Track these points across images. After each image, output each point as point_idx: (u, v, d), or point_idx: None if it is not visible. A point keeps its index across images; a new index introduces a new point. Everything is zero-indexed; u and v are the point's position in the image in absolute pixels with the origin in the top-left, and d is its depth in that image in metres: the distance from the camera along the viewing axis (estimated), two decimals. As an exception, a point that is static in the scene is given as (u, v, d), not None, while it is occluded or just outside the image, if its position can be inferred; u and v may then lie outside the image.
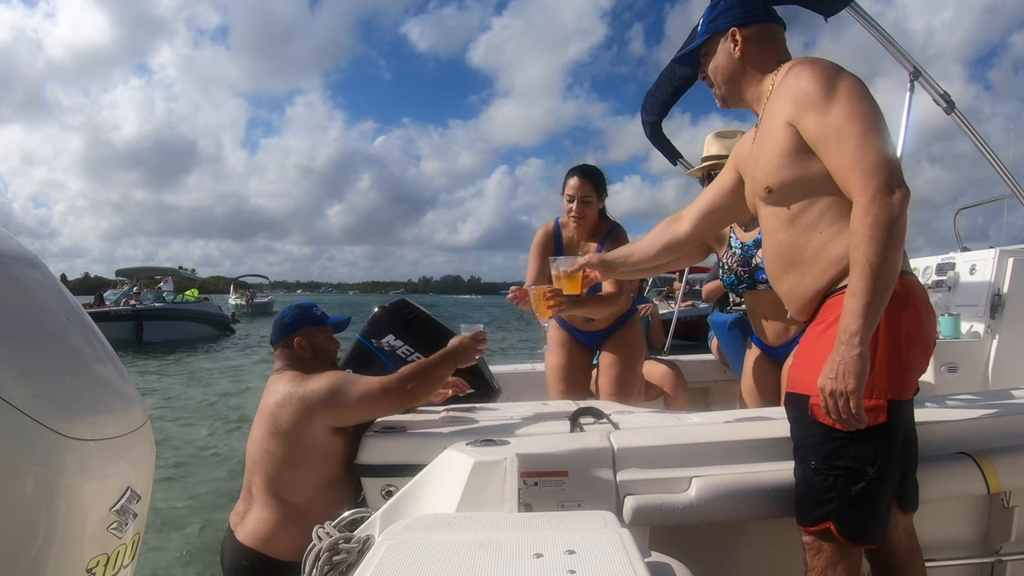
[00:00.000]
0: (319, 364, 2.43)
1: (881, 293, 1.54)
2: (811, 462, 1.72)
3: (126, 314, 20.40)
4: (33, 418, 1.07)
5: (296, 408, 2.16)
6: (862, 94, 1.64)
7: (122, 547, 1.22)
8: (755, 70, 1.88)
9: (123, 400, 1.26)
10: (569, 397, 3.03)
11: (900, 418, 1.69)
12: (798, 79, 1.70)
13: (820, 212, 1.73)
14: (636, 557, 0.83)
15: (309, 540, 2.19)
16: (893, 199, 1.53)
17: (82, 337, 1.25)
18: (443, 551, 0.88)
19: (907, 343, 1.68)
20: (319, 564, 1.26)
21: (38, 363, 1.13)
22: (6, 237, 1.24)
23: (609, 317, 3.26)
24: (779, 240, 1.85)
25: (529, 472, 1.80)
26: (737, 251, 2.76)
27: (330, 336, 2.51)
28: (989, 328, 3.33)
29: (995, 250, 3.48)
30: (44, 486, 1.09)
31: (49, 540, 1.11)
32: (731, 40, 1.89)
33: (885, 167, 1.56)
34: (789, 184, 1.77)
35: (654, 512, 1.85)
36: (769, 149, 1.79)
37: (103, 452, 1.17)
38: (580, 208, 3.11)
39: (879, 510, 1.71)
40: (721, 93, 1.97)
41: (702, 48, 1.99)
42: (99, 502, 1.18)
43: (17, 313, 1.15)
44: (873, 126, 1.59)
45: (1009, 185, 3.28)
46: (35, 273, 1.24)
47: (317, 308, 2.56)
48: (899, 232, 1.54)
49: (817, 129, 1.65)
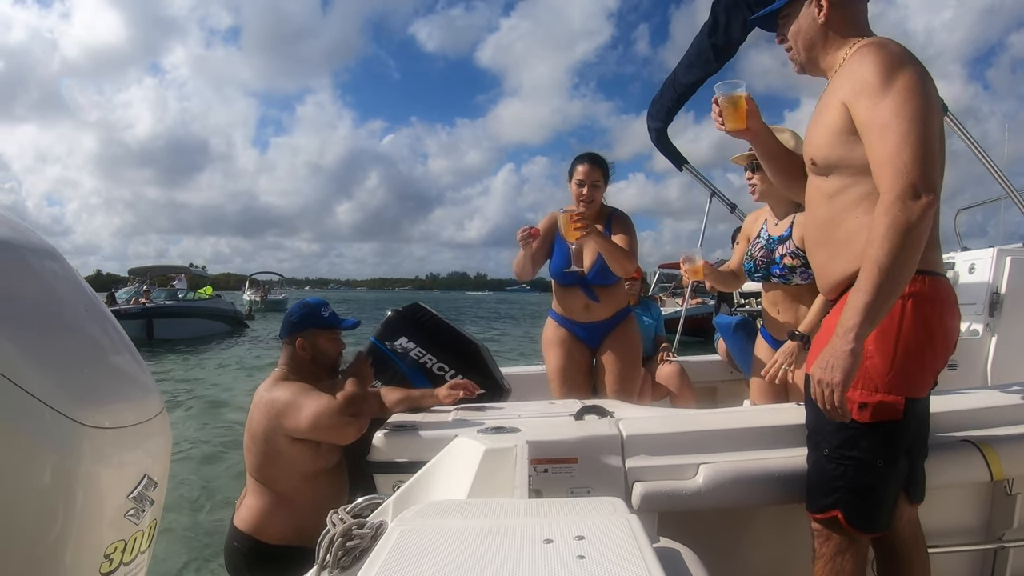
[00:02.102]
0: (317, 367, 2.45)
1: (885, 294, 1.53)
2: (824, 450, 1.73)
3: (136, 312, 20.47)
4: (52, 407, 1.08)
5: (262, 412, 2.25)
6: (918, 91, 1.60)
7: (139, 533, 1.24)
8: (836, 37, 1.82)
9: (140, 389, 1.28)
10: (571, 397, 3.03)
11: (914, 415, 1.70)
12: (861, 62, 1.68)
13: (859, 196, 1.72)
14: (644, 542, 0.84)
15: (296, 526, 2.27)
16: (915, 204, 1.51)
17: (100, 328, 1.27)
18: (455, 536, 0.89)
19: (929, 344, 1.68)
20: (333, 549, 1.27)
21: (57, 353, 1.15)
22: (25, 230, 1.26)
23: (610, 308, 3.26)
24: (818, 214, 1.85)
25: (539, 459, 1.82)
26: (763, 241, 2.79)
27: (335, 339, 2.51)
28: (988, 326, 3.34)
29: (993, 249, 3.49)
30: (63, 473, 1.11)
31: (68, 526, 1.13)
32: (816, 4, 1.81)
33: (916, 170, 1.53)
34: (832, 162, 1.76)
35: (662, 498, 1.86)
36: (821, 124, 1.79)
37: (120, 440, 1.19)
38: (590, 192, 3.14)
39: (886, 501, 1.73)
40: (800, 59, 1.91)
41: (783, 10, 1.91)
42: (117, 489, 1.19)
43: (36, 304, 1.17)
44: (918, 127, 1.56)
45: (1005, 188, 3.31)
46: (54, 265, 1.26)
47: (326, 308, 2.54)
48: (915, 238, 1.52)
49: (865, 117, 1.63)
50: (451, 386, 2.50)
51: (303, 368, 2.43)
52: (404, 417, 2.38)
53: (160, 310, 21.40)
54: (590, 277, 3.19)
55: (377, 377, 2.83)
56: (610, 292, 3.26)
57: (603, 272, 3.14)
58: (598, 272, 3.17)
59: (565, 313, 3.32)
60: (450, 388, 2.48)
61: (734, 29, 3.43)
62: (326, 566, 1.27)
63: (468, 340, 3.02)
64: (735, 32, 3.43)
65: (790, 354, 2.45)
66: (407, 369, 2.83)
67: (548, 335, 3.37)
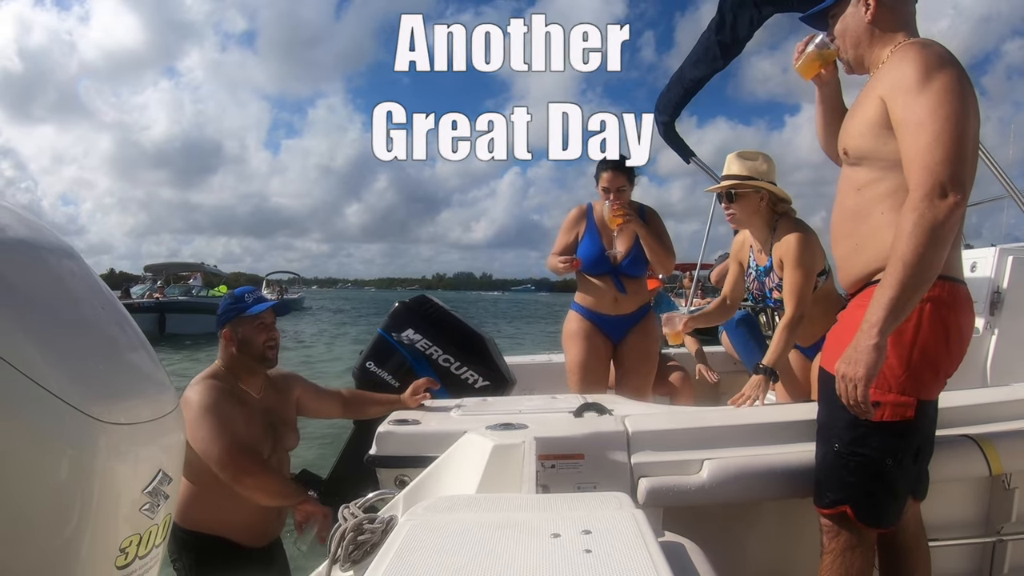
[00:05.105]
0: (246, 357, 2.43)
1: (910, 291, 1.54)
2: (835, 445, 1.74)
3: (149, 306, 20.52)
4: (68, 403, 1.10)
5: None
6: (956, 93, 1.60)
7: (154, 527, 1.25)
8: (881, 35, 1.82)
9: (155, 386, 1.30)
10: (589, 391, 3.05)
11: (925, 416, 1.72)
12: (903, 59, 1.69)
13: (886, 192, 1.73)
14: (650, 537, 0.85)
15: (211, 515, 2.30)
16: (942, 203, 1.52)
17: (116, 325, 1.29)
18: (463, 530, 0.91)
19: (945, 348, 1.70)
20: (344, 543, 1.29)
21: (73, 350, 1.16)
22: (43, 229, 1.27)
23: (636, 301, 3.30)
24: (846, 205, 1.86)
25: (546, 455, 1.83)
26: (752, 272, 2.90)
27: (259, 326, 2.45)
28: (988, 324, 3.35)
29: (995, 248, 3.49)
30: (79, 469, 1.12)
31: (84, 520, 1.14)
32: (864, 3, 1.81)
33: (947, 169, 1.54)
34: (864, 153, 1.78)
35: (667, 493, 1.88)
36: (858, 115, 1.80)
37: (136, 436, 1.21)
38: (617, 197, 3.18)
39: (896, 498, 1.74)
40: (848, 58, 1.91)
41: (832, 9, 1.91)
42: (132, 484, 1.21)
43: (53, 302, 1.19)
44: (952, 127, 1.57)
45: (1007, 189, 3.32)
46: (71, 264, 1.27)
47: (251, 294, 2.51)
48: (941, 237, 1.53)
49: (902, 114, 1.64)
50: (413, 390, 2.53)
51: (233, 360, 2.43)
52: (406, 412, 2.40)
53: (173, 305, 21.48)
54: (624, 266, 3.23)
55: (383, 368, 2.86)
56: (637, 285, 3.31)
57: (635, 262, 3.22)
58: (631, 262, 3.22)
59: (591, 305, 3.33)
60: (412, 393, 2.52)
61: (740, 27, 3.44)
62: (337, 560, 1.29)
63: (473, 332, 3.05)
64: (741, 30, 3.45)
65: (756, 387, 2.48)
66: (413, 360, 2.86)
67: (571, 328, 3.37)
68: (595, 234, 3.26)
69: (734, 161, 2.81)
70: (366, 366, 2.96)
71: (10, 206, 1.25)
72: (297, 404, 2.62)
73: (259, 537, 2.45)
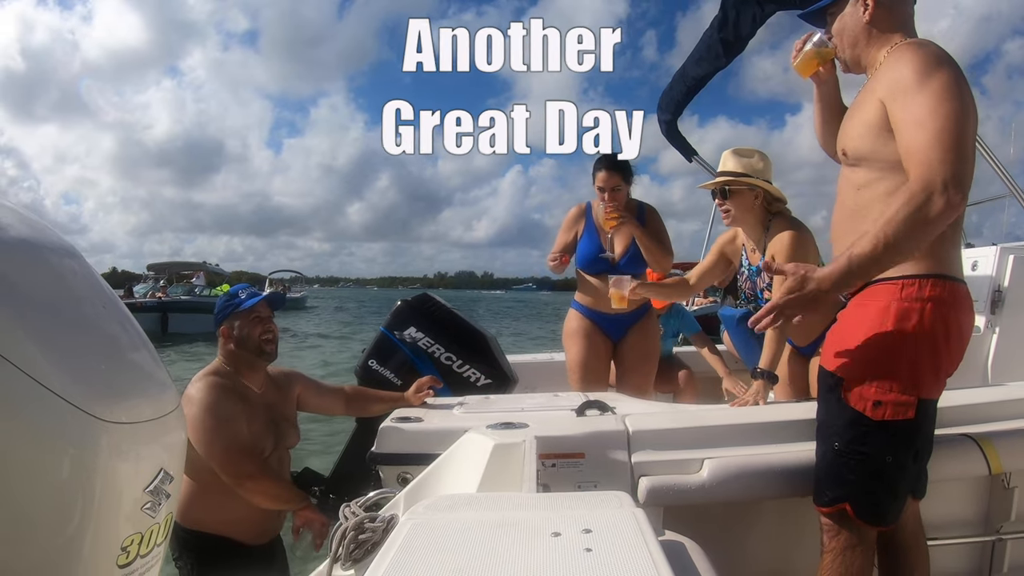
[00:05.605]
0: (244, 351, 2.45)
1: (874, 270, 1.59)
2: (834, 443, 1.74)
3: (152, 306, 20.54)
4: (70, 402, 1.10)
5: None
6: (954, 93, 1.60)
7: (155, 526, 1.26)
8: (879, 36, 1.82)
9: (157, 385, 1.30)
10: (590, 389, 3.06)
11: (925, 416, 1.72)
12: (899, 61, 1.69)
13: (886, 192, 1.72)
14: (650, 535, 0.86)
15: (211, 515, 2.30)
16: (938, 199, 1.52)
17: (118, 325, 1.29)
18: (464, 529, 0.91)
19: (946, 348, 1.70)
20: (345, 542, 1.29)
21: (75, 349, 1.16)
22: (45, 228, 1.27)
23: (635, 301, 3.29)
24: (846, 204, 1.87)
25: (547, 454, 1.84)
26: (745, 272, 2.89)
27: (254, 319, 2.46)
28: (989, 323, 3.35)
29: (997, 247, 3.49)
30: (81, 467, 1.13)
31: (86, 519, 1.14)
32: (862, 3, 1.81)
33: (947, 168, 1.53)
34: (863, 154, 1.78)
35: (668, 492, 1.88)
36: (856, 117, 1.81)
37: (137, 435, 1.21)
38: (612, 196, 3.18)
39: (896, 497, 1.75)
40: (845, 57, 1.92)
41: (831, 7, 1.91)
42: (134, 483, 1.21)
43: (54, 301, 1.19)
44: (952, 127, 1.57)
45: (1009, 187, 3.32)
46: (72, 263, 1.27)
47: (244, 290, 2.53)
48: (926, 232, 1.55)
49: (900, 115, 1.64)
50: (416, 388, 2.53)
51: (233, 356, 2.45)
52: (408, 410, 2.40)
53: (175, 304, 21.51)
54: (621, 265, 3.23)
55: (386, 366, 2.87)
56: None
57: (634, 260, 3.22)
58: (629, 260, 3.23)
59: (590, 304, 3.34)
60: (415, 391, 2.53)
61: (743, 24, 3.44)
62: (339, 558, 1.30)
63: (475, 330, 3.06)
64: (744, 28, 3.45)
65: (757, 393, 2.48)
66: (415, 358, 2.87)
67: (571, 326, 3.38)
68: (593, 233, 3.27)
69: (730, 158, 2.81)
70: (368, 364, 2.98)
71: (11, 205, 1.25)
72: (298, 400, 2.63)
73: (260, 535, 2.46)
